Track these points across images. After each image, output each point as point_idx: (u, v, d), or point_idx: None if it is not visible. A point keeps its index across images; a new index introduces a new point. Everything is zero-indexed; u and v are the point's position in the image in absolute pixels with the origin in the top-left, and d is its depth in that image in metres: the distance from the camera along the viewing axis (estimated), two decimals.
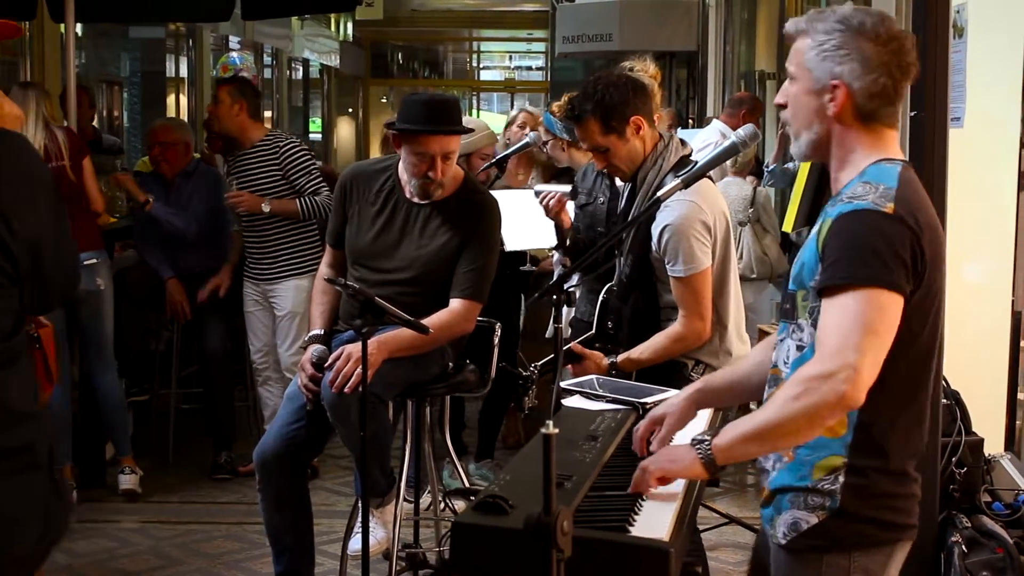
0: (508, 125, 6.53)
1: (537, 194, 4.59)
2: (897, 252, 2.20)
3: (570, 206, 4.61)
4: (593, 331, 4.00)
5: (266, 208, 5.77)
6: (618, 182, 4.34)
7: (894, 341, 2.21)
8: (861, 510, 2.30)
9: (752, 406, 4.30)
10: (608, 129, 3.78)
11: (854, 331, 2.16)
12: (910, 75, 2.37)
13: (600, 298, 4.01)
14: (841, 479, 2.29)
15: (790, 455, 2.34)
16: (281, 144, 5.92)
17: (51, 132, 5.54)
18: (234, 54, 12.08)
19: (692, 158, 3.86)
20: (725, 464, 2.33)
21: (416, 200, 4.03)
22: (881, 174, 2.30)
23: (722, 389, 2.76)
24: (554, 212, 4.49)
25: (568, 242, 4.57)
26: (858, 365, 2.14)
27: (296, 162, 5.85)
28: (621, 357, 3.77)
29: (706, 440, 2.31)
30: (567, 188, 4.54)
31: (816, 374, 2.17)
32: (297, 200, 5.80)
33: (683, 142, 3.97)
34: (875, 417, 2.27)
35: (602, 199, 4.43)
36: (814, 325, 2.27)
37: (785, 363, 2.39)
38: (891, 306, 2.19)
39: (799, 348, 2.33)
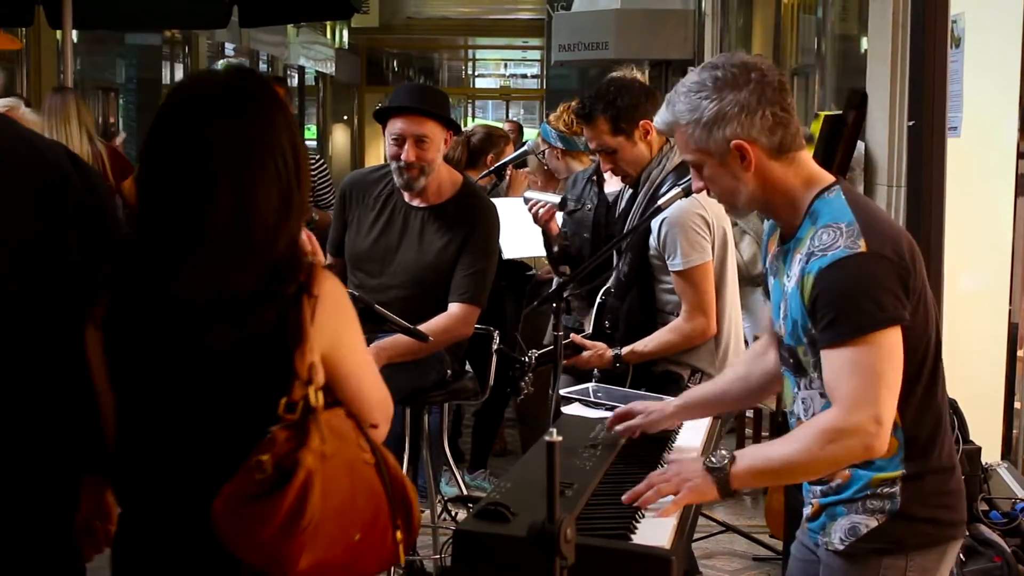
0: None
1: (527, 201, 4.60)
2: (886, 287, 2.23)
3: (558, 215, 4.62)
4: (590, 331, 4.00)
5: (315, 216, 5.76)
6: (606, 188, 4.37)
7: (912, 354, 2.26)
8: (920, 511, 2.35)
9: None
10: (617, 130, 3.82)
11: (869, 383, 2.21)
12: (786, 88, 2.37)
13: (598, 300, 4.02)
14: (899, 484, 2.34)
15: (845, 475, 2.37)
16: (313, 157, 6.00)
17: (95, 149, 5.41)
18: (234, 62, 12.08)
19: None
20: (738, 489, 2.38)
21: (413, 204, 4.03)
22: (832, 210, 2.31)
23: (700, 404, 2.88)
24: (543, 221, 4.51)
25: (556, 249, 4.58)
26: (881, 417, 2.21)
27: (323, 175, 5.90)
28: (626, 350, 3.78)
29: (724, 467, 2.34)
30: (557, 199, 4.55)
31: (842, 428, 2.22)
32: (330, 212, 5.79)
33: None
34: (918, 426, 2.33)
35: (589, 205, 4.44)
36: (822, 376, 2.31)
37: (805, 414, 2.43)
38: (895, 343, 2.23)
39: (822, 396, 2.35)
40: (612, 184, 4.41)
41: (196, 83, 2.24)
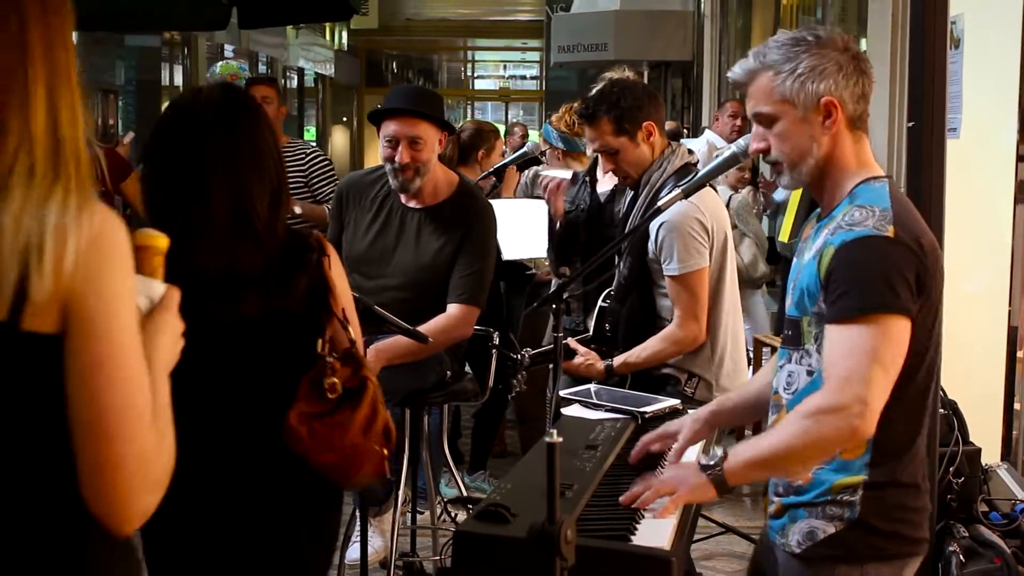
0: (506, 135, 6.58)
1: (540, 178, 4.63)
2: (903, 275, 2.21)
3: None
4: (590, 335, 4.00)
5: (298, 210, 5.74)
6: (598, 188, 4.37)
7: (909, 356, 2.23)
8: (879, 523, 2.32)
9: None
10: (620, 131, 3.82)
11: (863, 363, 2.17)
12: (871, 69, 2.39)
13: (598, 305, 4.02)
14: (860, 492, 2.32)
15: (808, 477, 2.36)
16: (308, 151, 5.97)
17: (92, 152, 5.37)
18: (232, 63, 12.07)
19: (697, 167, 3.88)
20: (735, 485, 2.35)
21: (410, 205, 4.03)
22: (872, 195, 2.31)
23: (735, 409, 2.81)
24: (551, 193, 4.52)
25: (558, 226, 4.57)
26: (869, 399, 2.16)
27: (322, 170, 5.88)
28: (618, 361, 3.78)
29: (717, 464, 2.31)
30: (568, 174, 4.56)
31: (827, 406, 2.18)
32: (325, 207, 5.75)
33: (690, 151, 4.00)
34: (891, 435, 2.29)
35: (583, 206, 4.46)
36: (820, 350, 2.29)
37: (787, 389, 2.41)
38: (900, 332, 2.20)
39: (809, 374, 2.34)
40: (603, 184, 4.42)
41: (193, 100, 2.59)
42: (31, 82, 1.56)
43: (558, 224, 4.55)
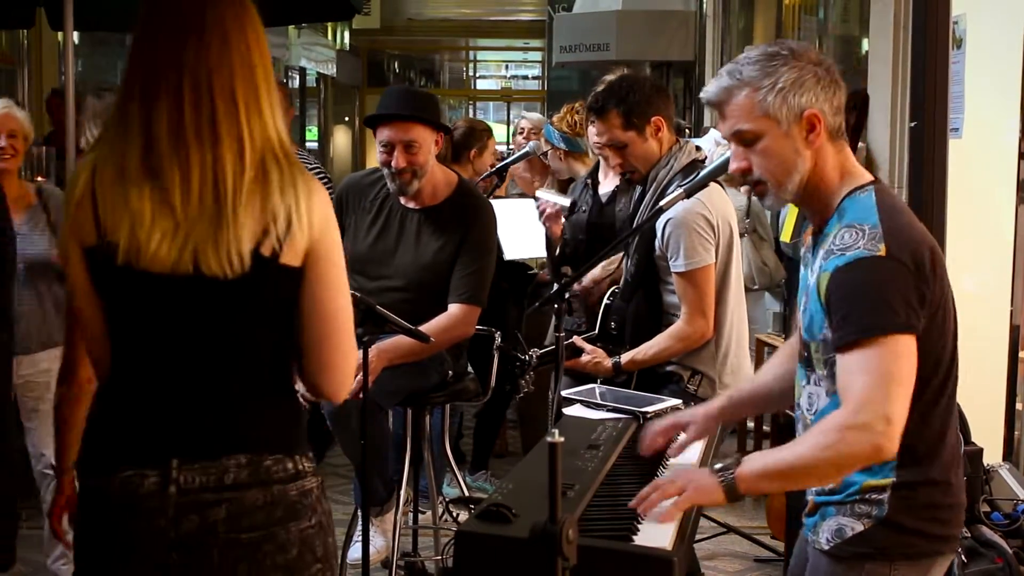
0: (514, 134, 6.57)
1: (537, 200, 4.61)
2: (901, 293, 2.20)
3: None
4: (595, 332, 4.00)
5: None
6: (601, 190, 4.37)
7: (923, 363, 2.22)
8: (907, 521, 2.32)
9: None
10: (629, 125, 3.81)
11: (880, 384, 2.16)
12: (842, 79, 2.38)
13: (604, 301, 4.02)
14: (889, 492, 2.32)
15: (837, 480, 2.35)
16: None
17: None
18: None
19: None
20: (746, 494, 2.33)
21: (409, 206, 4.04)
22: (859, 211, 2.29)
23: (745, 403, 2.81)
24: (548, 219, 4.52)
25: (557, 251, 4.59)
26: (890, 417, 2.15)
27: None
28: (625, 358, 3.77)
29: (730, 469, 2.29)
30: (567, 202, 4.56)
31: (850, 424, 2.17)
32: None
33: (698, 148, 3.99)
34: (918, 437, 2.28)
35: (584, 208, 4.45)
36: (831, 375, 2.29)
37: (809, 409, 2.41)
38: (907, 349, 2.19)
39: (828, 394, 2.34)
40: (605, 185, 4.42)
41: None
42: (263, 96, 2.15)
43: (557, 249, 4.56)
